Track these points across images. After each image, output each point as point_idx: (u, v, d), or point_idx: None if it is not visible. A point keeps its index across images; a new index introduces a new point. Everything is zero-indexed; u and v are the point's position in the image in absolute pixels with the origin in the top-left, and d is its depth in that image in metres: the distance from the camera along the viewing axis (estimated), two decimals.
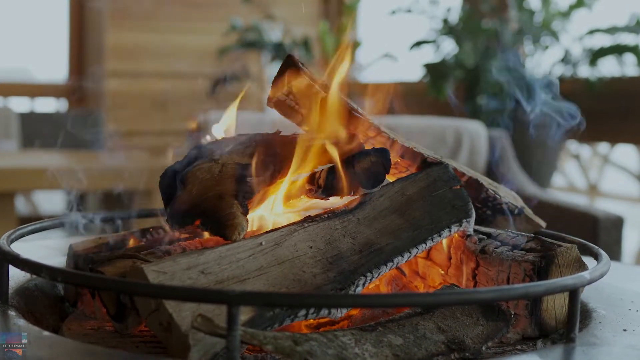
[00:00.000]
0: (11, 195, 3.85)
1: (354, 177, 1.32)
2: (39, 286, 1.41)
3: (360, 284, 1.23)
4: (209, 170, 1.29)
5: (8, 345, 1.12)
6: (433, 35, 4.50)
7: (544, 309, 1.26)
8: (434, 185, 1.39)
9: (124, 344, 1.22)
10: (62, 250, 1.46)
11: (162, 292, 1.06)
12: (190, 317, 1.04)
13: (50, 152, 4.78)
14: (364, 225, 1.30)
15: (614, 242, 2.69)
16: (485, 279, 1.33)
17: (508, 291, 1.13)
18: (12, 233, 1.37)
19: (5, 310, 1.24)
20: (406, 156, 1.44)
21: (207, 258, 1.15)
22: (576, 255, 1.27)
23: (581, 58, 4.16)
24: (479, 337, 1.19)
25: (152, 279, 1.09)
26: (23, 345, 1.11)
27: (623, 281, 1.56)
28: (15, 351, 1.11)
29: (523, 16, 4.28)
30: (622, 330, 1.23)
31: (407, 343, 1.12)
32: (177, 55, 5.83)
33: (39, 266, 1.15)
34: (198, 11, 5.86)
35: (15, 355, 1.11)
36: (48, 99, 6.63)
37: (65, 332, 1.28)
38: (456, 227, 1.36)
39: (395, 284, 1.43)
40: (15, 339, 1.12)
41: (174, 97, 5.80)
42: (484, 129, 3.38)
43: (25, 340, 1.11)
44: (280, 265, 1.19)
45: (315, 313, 1.16)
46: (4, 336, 1.13)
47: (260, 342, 1.01)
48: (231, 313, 0.98)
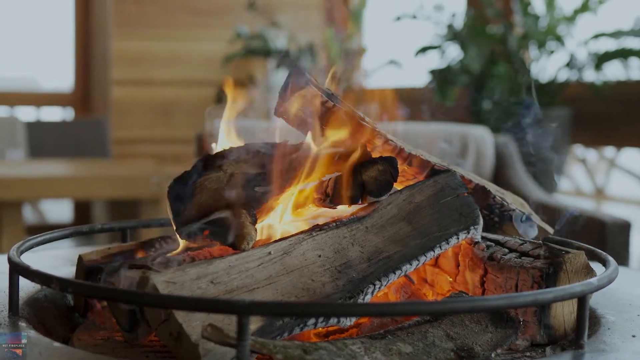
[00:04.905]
0: (18, 204, 3.86)
1: (361, 185, 1.32)
2: (49, 297, 1.41)
3: (369, 292, 1.23)
4: (217, 180, 1.29)
5: (8, 345, 1.12)
6: (438, 41, 4.50)
7: (553, 315, 1.26)
8: (441, 192, 1.39)
9: (134, 354, 1.23)
10: (72, 260, 1.47)
11: (172, 302, 1.06)
12: (200, 327, 1.04)
13: (57, 160, 4.79)
14: (372, 234, 1.31)
15: (621, 247, 2.69)
16: (493, 286, 1.33)
17: (517, 298, 1.13)
18: (21, 244, 1.38)
19: (16, 321, 1.24)
20: (413, 164, 1.44)
21: (216, 268, 1.15)
22: (584, 262, 1.27)
23: (586, 62, 4.16)
24: (488, 344, 1.19)
25: (161, 289, 1.10)
26: (23, 345, 1.11)
27: (631, 286, 1.56)
28: (15, 351, 1.12)
29: (528, 21, 4.28)
30: (631, 336, 1.23)
31: (416, 351, 1.13)
32: (182, 62, 5.85)
33: (49, 277, 1.15)
34: (203, 19, 5.87)
35: (16, 355, 1.11)
36: (54, 108, 6.65)
37: (75, 343, 1.29)
38: (464, 235, 1.36)
39: (404, 292, 1.44)
40: (15, 339, 1.13)
41: (180, 104, 5.81)
42: (489, 135, 3.38)
43: (25, 340, 1.12)
44: (289, 274, 1.20)
45: (325, 322, 1.16)
46: (4, 336, 1.13)
47: (270, 351, 1.02)
48: (241, 323, 0.98)
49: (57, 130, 5.54)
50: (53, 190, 3.94)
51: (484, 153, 3.33)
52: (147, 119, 5.79)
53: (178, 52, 5.84)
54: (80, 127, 5.66)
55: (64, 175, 4.13)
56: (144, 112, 5.79)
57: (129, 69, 5.77)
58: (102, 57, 5.95)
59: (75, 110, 6.44)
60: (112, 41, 5.73)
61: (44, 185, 3.87)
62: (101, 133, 5.40)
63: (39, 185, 3.86)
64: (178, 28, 5.84)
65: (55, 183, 3.89)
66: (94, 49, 6.22)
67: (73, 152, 5.21)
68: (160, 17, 5.80)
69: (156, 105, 5.80)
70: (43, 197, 4.72)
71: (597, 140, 4.70)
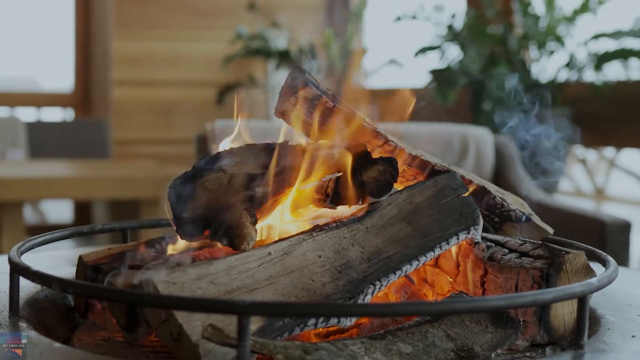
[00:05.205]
0: (19, 204, 3.86)
1: (362, 186, 1.32)
2: (49, 297, 1.42)
3: (369, 293, 1.24)
4: (218, 180, 1.29)
5: (8, 346, 1.12)
6: (438, 42, 4.50)
7: (553, 315, 1.26)
8: (441, 193, 1.39)
9: (134, 354, 1.23)
10: (72, 260, 1.47)
11: (172, 302, 1.06)
12: (201, 327, 1.04)
13: (57, 161, 4.79)
14: (373, 234, 1.31)
15: (621, 247, 2.69)
16: (493, 286, 1.33)
17: (517, 299, 1.13)
18: (22, 245, 1.38)
19: (17, 321, 1.24)
20: (413, 164, 1.44)
21: (216, 268, 1.16)
22: (584, 262, 1.27)
23: (586, 63, 4.16)
24: (488, 344, 1.19)
25: (162, 289, 1.10)
26: (23, 345, 1.12)
27: (631, 286, 1.56)
28: (15, 351, 1.12)
29: (528, 21, 4.29)
30: (631, 336, 1.23)
31: (416, 351, 1.13)
32: (183, 63, 5.85)
33: (50, 278, 1.16)
34: (204, 19, 5.87)
35: (16, 355, 1.11)
36: (55, 109, 6.65)
37: (75, 343, 1.29)
38: (464, 235, 1.36)
39: (404, 292, 1.44)
40: (15, 339, 1.13)
41: (180, 105, 5.81)
42: (490, 135, 3.38)
43: (25, 340, 1.12)
44: (289, 274, 1.20)
45: (325, 322, 1.16)
46: (4, 336, 1.13)
47: (270, 351, 1.02)
48: (242, 323, 0.99)
49: (57, 130, 5.54)
50: (53, 191, 3.94)
51: (484, 153, 3.33)
52: (147, 119, 5.80)
53: (178, 53, 5.84)
54: (81, 127, 5.66)
55: (64, 176, 4.13)
56: (144, 112, 5.79)
57: (129, 70, 5.77)
58: (103, 58, 5.95)
59: (75, 110, 6.44)
60: (113, 42, 5.73)
61: (44, 185, 3.87)
62: (101, 133, 5.40)
63: (40, 185, 3.86)
64: (178, 29, 5.84)
65: (56, 183, 3.89)
66: (94, 50, 6.22)
67: (73, 152, 5.21)
68: (160, 18, 5.80)
69: (157, 106, 5.80)
70: (43, 197, 4.72)
71: (597, 141, 4.70)
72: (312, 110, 1.37)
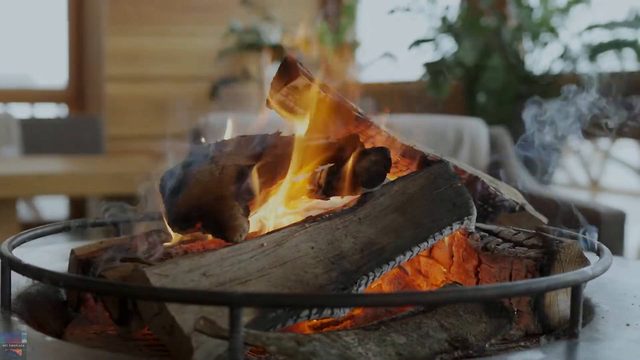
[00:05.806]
0: (13, 201, 3.85)
1: (354, 176, 1.31)
2: (42, 291, 1.41)
3: (363, 284, 1.23)
4: (210, 172, 1.29)
5: (8, 346, 1.12)
6: (432, 34, 4.50)
7: (547, 305, 1.26)
8: (434, 183, 1.39)
9: (127, 348, 1.22)
10: (65, 255, 1.46)
11: (164, 295, 1.06)
12: (193, 319, 1.04)
13: (51, 157, 4.78)
14: (366, 225, 1.30)
15: (616, 237, 2.69)
16: (487, 276, 1.33)
17: (510, 288, 1.12)
18: (13, 239, 1.38)
19: (8, 316, 1.24)
20: (406, 155, 1.44)
21: (208, 260, 1.15)
22: (578, 251, 1.27)
23: (580, 54, 4.15)
24: (482, 334, 1.19)
25: (154, 282, 1.09)
26: (23, 345, 1.11)
27: (626, 276, 1.56)
28: (15, 351, 1.11)
29: (522, 13, 4.28)
30: (625, 324, 1.23)
31: (410, 342, 1.12)
32: (176, 58, 5.83)
33: (41, 271, 1.15)
34: (197, 14, 5.85)
35: (15, 355, 1.11)
36: (48, 105, 6.64)
37: (68, 337, 1.28)
38: (458, 225, 1.36)
39: (398, 283, 1.43)
40: (15, 339, 1.13)
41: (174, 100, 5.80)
42: (484, 127, 3.38)
43: (25, 340, 1.11)
44: (282, 266, 1.19)
45: (318, 313, 1.16)
46: (3, 336, 1.13)
47: (263, 343, 1.01)
48: (233, 315, 0.98)
49: (51, 127, 5.53)
50: (48, 187, 3.93)
51: (478, 145, 3.33)
52: (141, 115, 5.78)
53: (172, 48, 5.82)
54: (75, 123, 5.64)
55: (58, 172, 4.12)
56: (138, 108, 5.77)
57: (122, 66, 5.75)
58: (96, 54, 5.93)
59: (69, 107, 6.41)
60: (106, 38, 5.72)
61: (38, 182, 3.85)
62: (95, 130, 5.38)
63: (34, 182, 3.85)
64: (171, 24, 5.82)
65: (50, 180, 3.88)
66: (88, 46, 6.20)
67: (67, 149, 5.19)
68: (153, 14, 5.78)
69: (150, 101, 5.78)
70: (38, 194, 4.71)
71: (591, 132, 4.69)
72: (303, 101, 1.36)
